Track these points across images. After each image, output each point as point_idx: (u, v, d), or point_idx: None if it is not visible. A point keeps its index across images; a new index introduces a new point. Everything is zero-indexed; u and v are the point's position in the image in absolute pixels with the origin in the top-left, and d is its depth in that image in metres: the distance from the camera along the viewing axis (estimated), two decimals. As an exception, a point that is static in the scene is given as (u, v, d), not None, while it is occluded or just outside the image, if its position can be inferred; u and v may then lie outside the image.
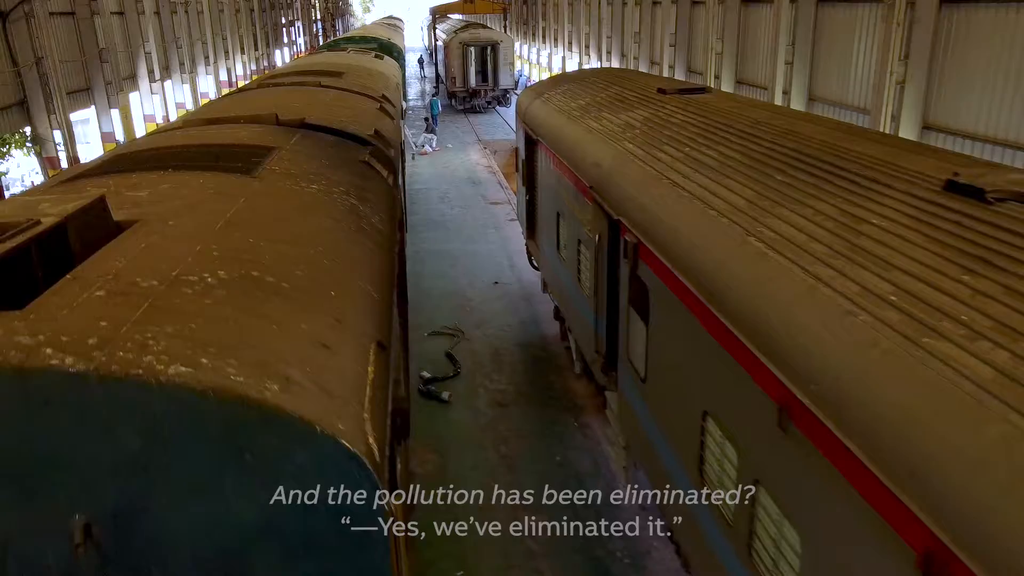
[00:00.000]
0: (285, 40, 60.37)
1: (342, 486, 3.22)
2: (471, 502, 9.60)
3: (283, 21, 59.93)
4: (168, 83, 28.57)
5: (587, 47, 37.10)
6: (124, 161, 6.87)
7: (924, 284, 4.15)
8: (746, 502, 5.15)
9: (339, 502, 3.24)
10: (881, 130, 13.45)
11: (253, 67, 44.07)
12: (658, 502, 7.50)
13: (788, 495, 4.59)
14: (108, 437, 3.03)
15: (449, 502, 9.60)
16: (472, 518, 9.31)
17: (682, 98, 10.47)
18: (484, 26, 51.85)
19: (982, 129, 11.65)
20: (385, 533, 3.39)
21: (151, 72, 26.47)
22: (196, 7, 33.08)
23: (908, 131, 13.00)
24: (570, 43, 41.37)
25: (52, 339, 3.09)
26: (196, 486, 3.13)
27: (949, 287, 4.03)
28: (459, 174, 28.51)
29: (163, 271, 3.91)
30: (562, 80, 14.91)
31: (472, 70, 42.51)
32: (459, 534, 9.00)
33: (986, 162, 6.39)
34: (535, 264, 14.85)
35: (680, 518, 6.68)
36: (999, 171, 5.53)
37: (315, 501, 3.22)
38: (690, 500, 6.29)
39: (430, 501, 9.66)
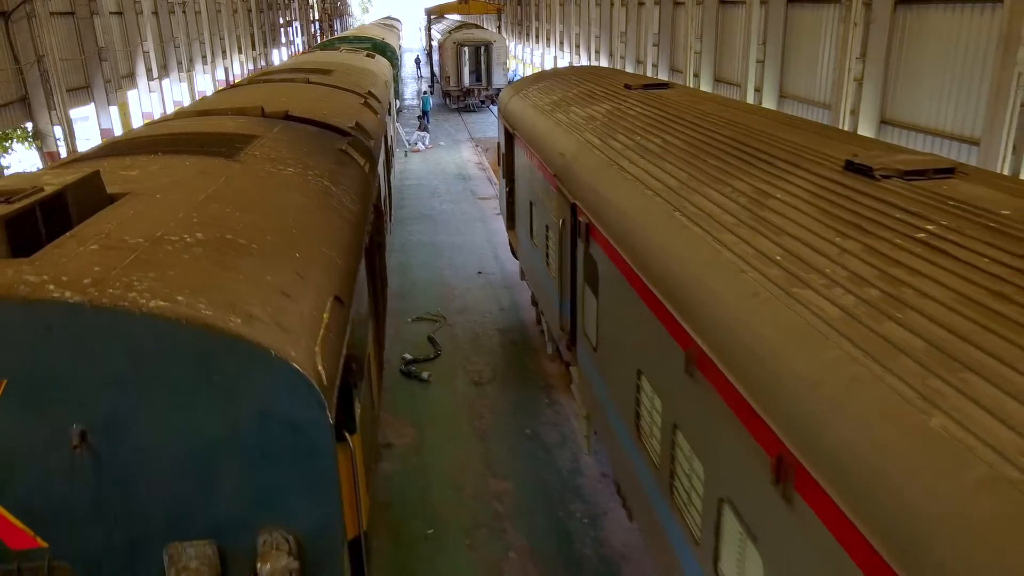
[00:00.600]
0: (283, 40, 61.08)
1: (293, 403, 3.89)
2: (444, 469, 10.26)
3: (281, 21, 60.63)
4: (166, 81, 29.25)
5: (577, 47, 37.81)
6: (118, 147, 7.54)
7: (805, 246, 4.81)
8: (668, 445, 5.82)
9: (291, 417, 3.92)
10: (841, 126, 14.13)
11: (251, 66, 44.77)
12: (608, 460, 8.17)
13: (695, 433, 5.26)
14: (100, 358, 3.70)
15: (423, 470, 10.28)
16: (444, 484, 9.99)
17: (644, 93, 11.13)
18: (478, 26, 52.54)
19: (932, 123, 12.31)
20: (331, 446, 4.07)
21: (149, 71, 27.17)
22: (194, 7, 33.77)
23: (866, 126, 13.66)
24: (561, 43, 42.06)
25: (54, 279, 3.76)
26: (172, 401, 3.81)
27: (823, 247, 4.70)
28: (450, 170, 29.17)
29: (148, 232, 4.58)
30: (541, 77, 15.57)
31: (466, 70, 43.16)
32: (431, 498, 9.72)
33: (885, 144, 7.07)
34: (516, 254, 15.50)
35: (623, 469, 7.36)
36: (892, 152, 6.20)
37: (271, 415, 3.89)
38: (629, 451, 6.96)
39: (404, 469, 10.36)
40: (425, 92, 38.26)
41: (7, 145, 18.09)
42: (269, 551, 3.99)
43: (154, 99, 27.63)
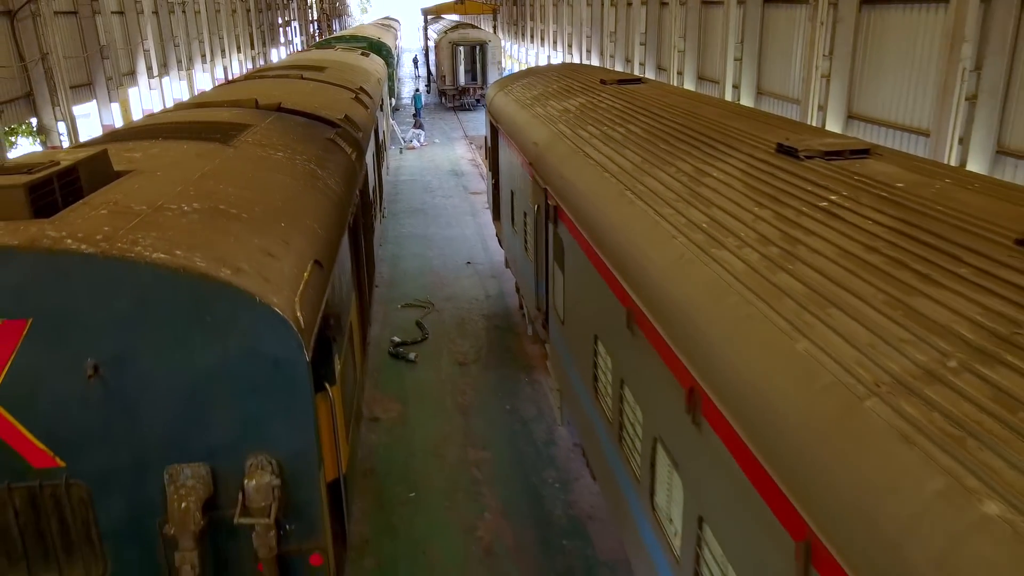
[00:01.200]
0: (282, 40, 61.76)
1: (274, 341, 4.56)
2: (427, 440, 10.91)
3: (280, 21, 61.31)
4: (166, 79, 29.92)
5: (570, 46, 38.50)
6: (122, 134, 8.21)
7: (727, 215, 5.47)
8: (617, 399, 6.49)
9: (272, 354, 4.58)
10: (810, 121, 14.79)
11: (249, 65, 45.44)
12: (575, 425, 8.83)
13: (636, 383, 5.92)
14: (110, 301, 4.36)
15: (407, 441, 10.94)
16: (426, 453, 10.65)
17: (617, 87, 11.79)
18: (474, 26, 53.21)
19: (893, 117, 12.97)
20: (308, 381, 4.73)
21: (149, 69, 27.84)
22: (193, 7, 34.44)
23: (834, 121, 14.31)
24: (555, 42, 42.75)
25: (71, 234, 4.42)
26: (171, 339, 4.47)
27: (741, 215, 5.36)
28: (443, 167, 29.83)
29: (151, 201, 5.24)
30: (526, 74, 16.23)
31: (461, 69, 43.82)
32: (414, 466, 10.38)
33: (814, 128, 7.74)
34: (502, 243, 16.15)
35: (585, 431, 8.02)
36: (819, 136, 6.88)
37: (255, 352, 4.56)
38: (589, 413, 7.62)
39: (390, 440, 11.02)
40: (417, 91, 38.95)
41: (12, 140, 18.74)
42: (255, 471, 4.65)
43: (154, 96, 28.30)
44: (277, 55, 57.35)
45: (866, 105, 13.81)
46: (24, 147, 20.38)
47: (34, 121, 20.10)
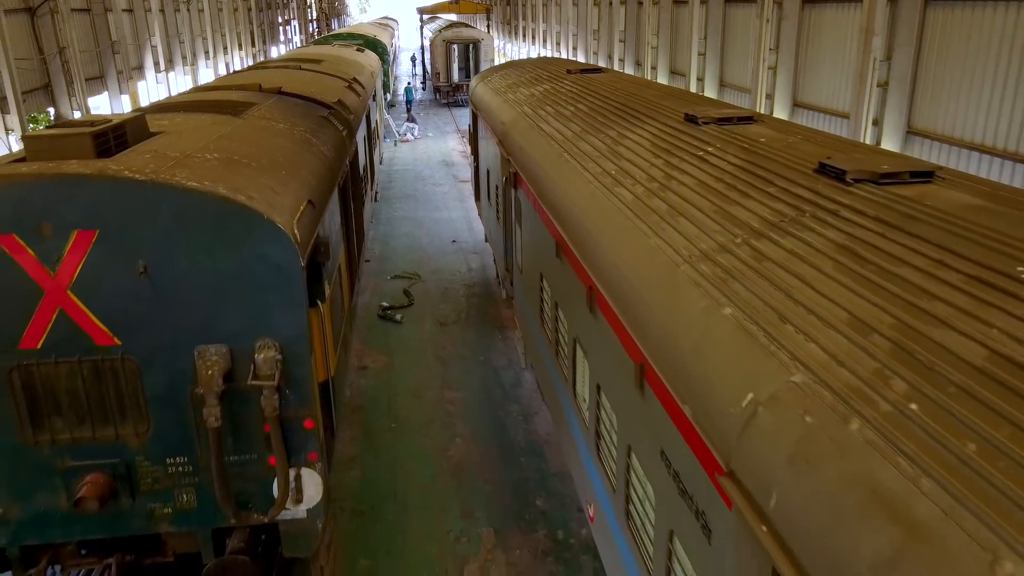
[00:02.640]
0: (282, 38, 63.27)
1: (277, 250, 6.08)
2: (408, 384, 12.44)
3: (279, 20, 62.82)
4: (172, 74, 31.42)
5: (558, 44, 40.04)
6: (150, 109, 9.73)
7: (632, 164, 7.00)
8: (554, 320, 8.02)
9: (275, 259, 6.10)
10: (758, 109, 16.30)
11: (250, 61, 46.97)
12: (532, 364, 10.36)
13: (564, 300, 7.45)
14: (156, 216, 5.88)
15: (391, 384, 12.47)
16: (407, 394, 12.18)
17: (579, 76, 13.33)
18: (467, 25, 54.75)
19: (826, 104, 14.49)
20: (302, 282, 6.24)
21: (156, 64, 29.35)
22: (197, 5, 35.97)
23: (781, 109, 15.83)
24: (544, 40, 44.30)
25: (127, 168, 5.95)
26: (200, 246, 5.99)
27: (642, 164, 6.89)
28: (435, 158, 31.37)
29: (181, 151, 6.77)
30: (504, 67, 17.76)
31: (455, 66, 45.35)
32: (396, 403, 11.90)
33: (718, 102, 9.28)
34: (482, 218, 17.68)
35: (534, 353, 9.55)
36: (718, 107, 8.42)
37: (262, 258, 6.07)
38: (537, 338, 9.15)
39: (376, 384, 12.55)
40: (409, 84, 40.52)
41: (32, 128, 20.24)
42: (263, 349, 6.17)
43: (161, 90, 29.81)
44: (277, 52, 58.88)
45: (808, 94, 15.34)
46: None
47: (51, 111, 21.60)
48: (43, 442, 6.29)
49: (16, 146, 17.91)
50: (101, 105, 26.17)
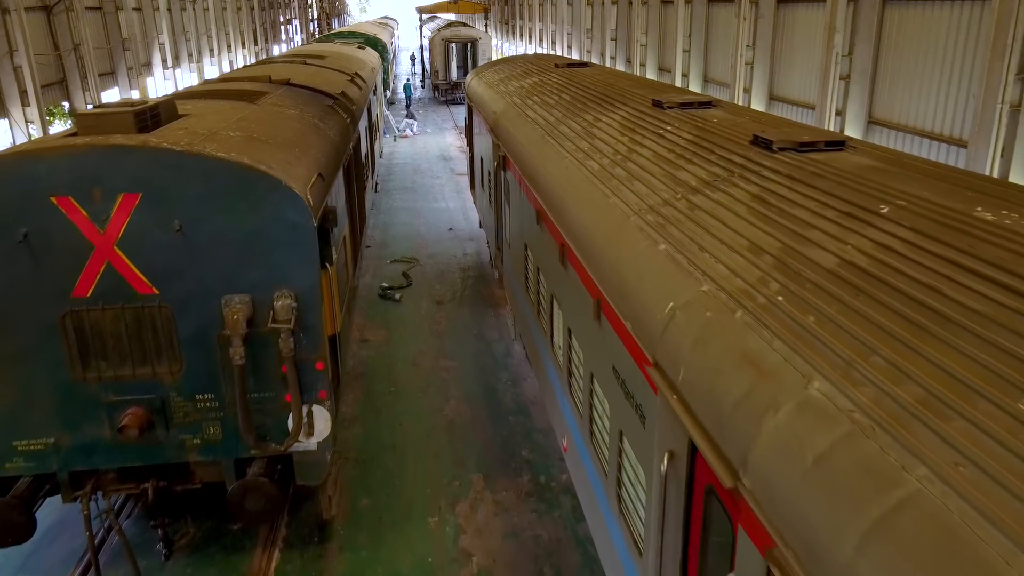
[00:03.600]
0: (283, 37, 64.29)
1: (293, 211, 7.07)
2: (406, 354, 13.43)
3: (281, 20, 63.83)
4: (178, 71, 32.43)
5: (554, 42, 41.06)
6: (175, 97, 10.73)
7: (602, 142, 7.99)
8: (536, 283, 9.01)
9: (291, 220, 7.09)
10: (737, 102, 17.31)
11: (252, 59, 47.98)
12: (517, 326, 11.35)
13: (543, 261, 8.44)
14: (190, 182, 6.87)
15: (391, 355, 13.46)
16: (406, 363, 13.17)
17: (566, 70, 14.33)
18: (466, 25, 55.76)
19: (797, 96, 15.47)
20: (315, 240, 7.23)
21: (164, 60, 30.35)
22: (203, 4, 36.97)
23: (758, 101, 16.82)
24: (541, 39, 45.31)
25: (165, 140, 6.94)
26: (227, 208, 6.98)
27: (610, 141, 7.88)
28: (433, 152, 32.36)
29: (208, 129, 7.77)
30: (498, 63, 18.76)
31: (453, 64, 46.35)
32: (395, 371, 12.88)
33: (684, 90, 10.28)
34: (477, 205, 18.66)
35: (526, 335, 10.54)
36: (683, 94, 9.42)
37: (280, 218, 7.07)
38: (529, 319, 10.14)
39: (376, 354, 13.54)
40: (408, 81, 41.57)
41: (50, 120, 21.22)
42: (281, 297, 7.16)
43: (168, 86, 30.80)
44: (278, 50, 59.88)
45: (781, 87, 16.35)
46: (57, 128, 22.82)
47: (66, 105, 22.58)
48: (90, 379, 7.27)
49: (36, 135, 18.91)
50: (112, 99, 27.16)
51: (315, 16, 77.27)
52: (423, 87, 55.31)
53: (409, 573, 8.24)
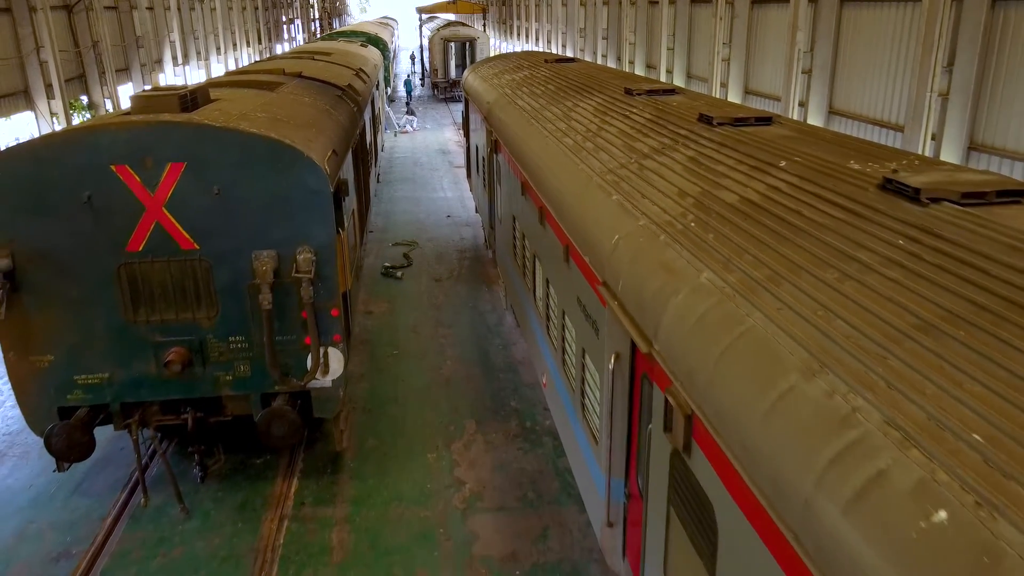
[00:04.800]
0: (285, 36, 65.58)
1: (313, 179, 8.36)
2: (407, 323, 14.71)
3: (283, 19, 65.11)
4: (187, 68, 33.71)
5: (549, 41, 42.37)
6: (208, 85, 12.01)
7: (579, 123, 9.28)
8: (522, 249, 10.29)
9: (312, 186, 8.38)
10: (715, 95, 18.59)
11: (257, 58, 49.28)
12: (508, 297, 12.63)
13: (526, 227, 9.71)
14: (227, 153, 8.15)
15: (393, 324, 14.74)
16: (406, 330, 14.45)
17: (554, 64, 15.62)
18: (464, 24, 57.08)
19: (767, 89, 16.74)
20: (331, 204, 8.51)
21: (174, 58, 31.63)
22: (210, 4, 38.27)
23: (734, 95, 18.10)
24: (537, 38, 46.63)
25: (206, 118, 8.22)
26: (258, 175, 8.26)
27: (584, 122, 9.17)
28: (433, 147, 33.65)
29: (238, 111, 9.05)
30: (493, 59, 20.04)
31: (452, 63, 47.63)
32: (397, 337, 14.16)
33: (654, 81, 11.58)
34: (474, 196, 19.93)
35: (513, 296, 11.81)
36: (652, 84, 10.71)
37: (302, 185, 8.35)
38: (525, 302, 11.42)
39: (379, 324, 14.82)
40: (408, 78, 42.89)
41: (71, 113, 22.49)
42: (302, 251, 8.43)
43: (178, 83, 32.07)
44: (281, 49, 61.17)
45: (755, 82, 17.63)
46: (75, 120, 24.02)
47: (84, 99, 23.84)
48: (140, 322, 8.55)
49: (59, 127, 20.18)
50: (126, 94, 28.40)
51: (316, 16, 78.57)
52: (423, 85, 56.60)
53: (410, 496, 9.52)
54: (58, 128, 20.35)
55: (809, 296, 3.75)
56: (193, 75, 34.39)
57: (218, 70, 38.85)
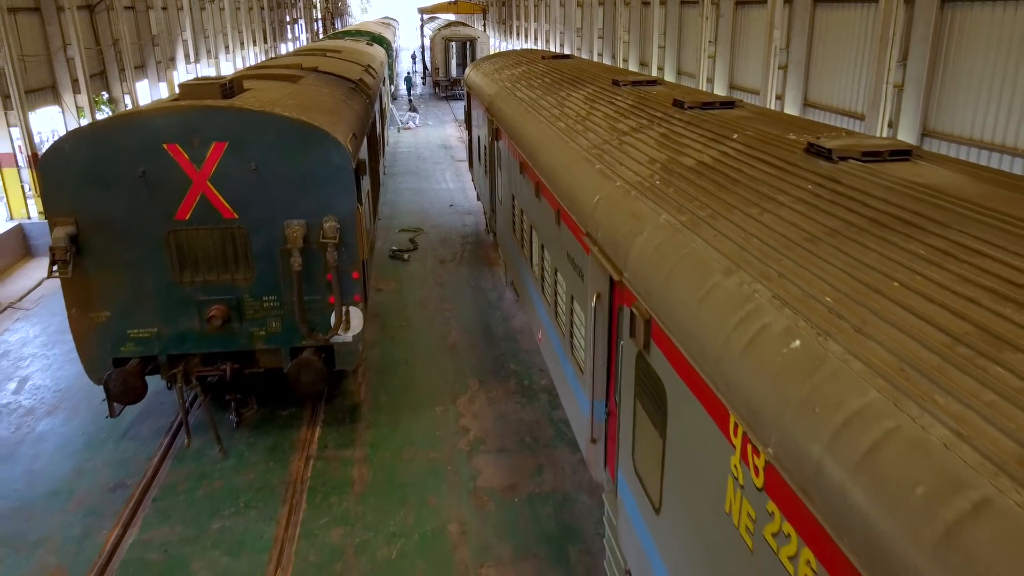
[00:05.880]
0: (289, 36, 66.78)
1: (338, 157, 9.59)
2: (414, 299, 15.93)
3: (287, 19, 66.31)
4: (198, 66, 34.90)
5: (547, 41, 43.59)
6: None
7: (570, 110, 10.50)
8: (520, 223, 11.50)
9: (336, 163, 9.61)
10: (702, 88, 19.81)
11: (262, 57, 50.50)
12: (508, 269, 13.86)
13: (524, 201, 10.92)
14: (263, 133, 9.38)
15: (401, 299, 15.96)
16: (414, 304, 15.66)
17: (550, 61, 16.83)
18: (465, 24, 58.32)
19: (748, 84, 17.94)
20: (353, 179, 9.74)
21: (187, 56, 32.83)
22: (219, 4, 39.48)
23: (720, 89, 19.31)
24: (536, 38, 47.85)
25: (245, 104, 9.45)
26: (290, 153, 9.49)
27: (576, 109, 10.38)
28: (435, 142, 34.87)
29: (270, 99, 10.28)
30: (492, 57, 21.27)
31: (453, 62, 48.84)
32: (405, 310, 15.38)
33: (639, 74, 12.81)
34: (474, 181, 21.15)
35: (512, 267, 13.04)
36: (637, 76, 11.93)
37: (328, 162, 9.58)
38: (523, 269, 12.64)
39: (389, 300, 16.03)
40: (408, 74, 44.20)
41: (93, 108, 23.68)
42: (328, 220, 9.65)
43: (190, 79, 33.37)
44: (285, 49, 62.38)
45: (739, 78, 18.85)
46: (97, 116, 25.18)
47: (105, 94, 25.04)
48: (186, 282, 9.77)
49: (83, 121, 21.38)
50: (143, 91, 29.59)
51: (319, 16, 79.79)
52: (424, 84, 57.84)
53: (421, 440, 10.74)
54: (84, 122, 21.56)
55: (736, 225, 4.97)
56: (204, 73, 35.57)
57: (227, 68, 40.07)
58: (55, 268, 9.22)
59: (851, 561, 2.84)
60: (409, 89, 42.21)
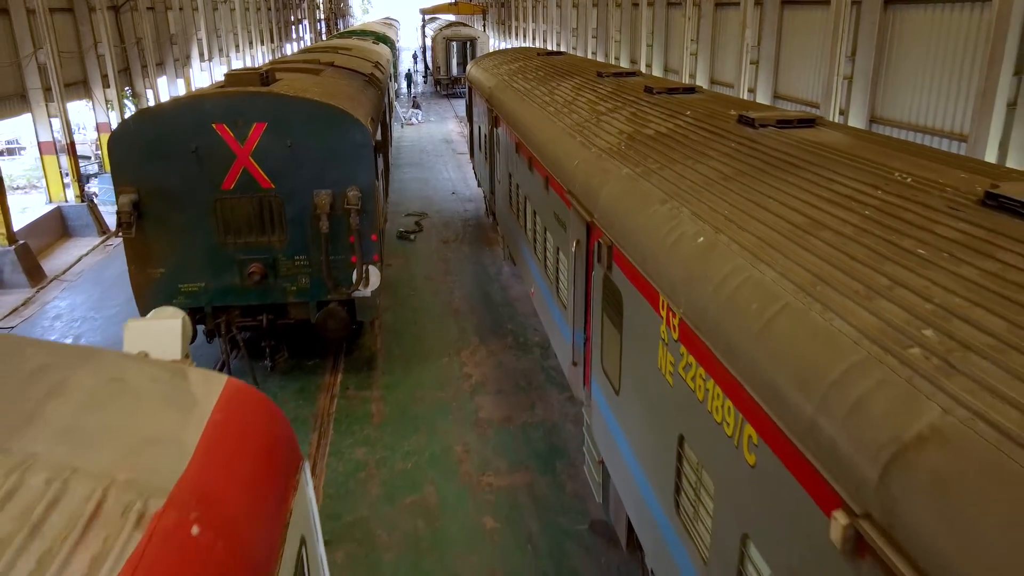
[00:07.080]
0: (294, 36, 68.46)
1: (361, 136, 11.24)
2: (420, 272, 17.58)
3: (292, 20, 67.97)
4: (211, 64, 36.56)
5: (545, 41, 45.24)
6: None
7: (561, 97, 12.14)
8: (519, 201, 13.15)
9: (359, 141, 11.26)
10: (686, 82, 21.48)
11: (269, 56, 52.17)
12: (506, 241, 15.50)
13: (522, 180, 12.57)
14: (297, 115, 11.03)
15: (409, 273, 17.60)
16: (421, 277, 17.31)
17: (545, 57, 18.50)
18: (465, 24, 60.02)
19: (726, 79, 19.59)
20: (373, 155, 11.40)
21: (201, 54, 34.46)
22: (229, 5, 41.13)
23: (702, 82, 20.95)
24: (534, 38, 49.51)
25: (281, 90, 11.11)
26: (319, 132, 11.13)
27: (564, 95, 12.03)
28: (437, 137, 36.52)
29: (300, 87, 11.93)
30: (492, 54, 22.93)
31: (454, 61, 50.52)
32: (414, 282, 17.03)
33: (620, 67, 14.46)
34: (475, 170, 22.80)
35: (515, 250, 14.68)
36: (618, 69, 13.58)
37: (352, 140, 11.23)
38: (519, 236, 14.29)
39: (398, 273, 17.68)
40: (409, 72, 45.92)
41: (121, 101, 25.34)
42: (351, 190, 11.28)
43: (204, 77, 34.94)
44: (290, 49, 64.05)
45: (719, 74, 20.50)
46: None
47: (128, 90, 26.68)
48: (229, 243, 11.39)
49: (113, 114, 23.04)
50: (162, 87, 31.21)
51: (322, 16, 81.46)
52: (425, 83, 59.51)
53: (430, 384, 12.38)
54: (113, 115, 23.20)
55: (675, 172, 6.62)
56: (216, 70, 37.25)
57: (236, 67, 41.71)
58: (120, 229, 10.85)
59: (721, 361, 4.49)
60: (410, 87, 43.85)
